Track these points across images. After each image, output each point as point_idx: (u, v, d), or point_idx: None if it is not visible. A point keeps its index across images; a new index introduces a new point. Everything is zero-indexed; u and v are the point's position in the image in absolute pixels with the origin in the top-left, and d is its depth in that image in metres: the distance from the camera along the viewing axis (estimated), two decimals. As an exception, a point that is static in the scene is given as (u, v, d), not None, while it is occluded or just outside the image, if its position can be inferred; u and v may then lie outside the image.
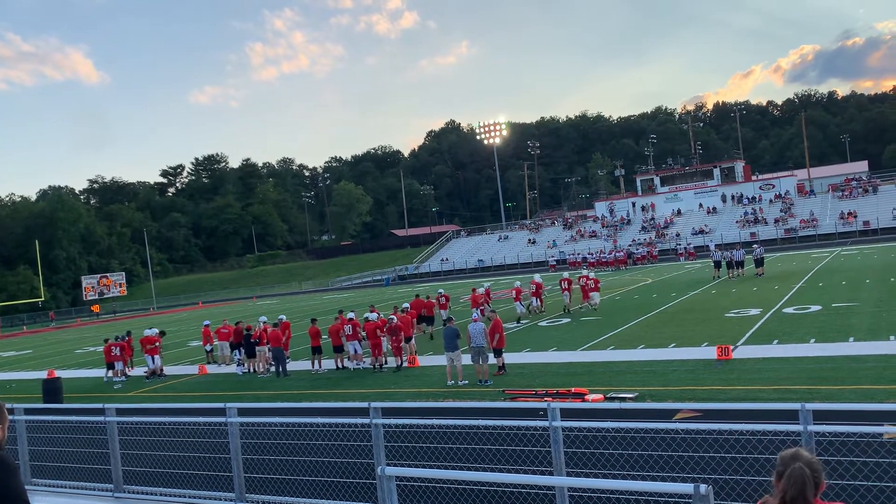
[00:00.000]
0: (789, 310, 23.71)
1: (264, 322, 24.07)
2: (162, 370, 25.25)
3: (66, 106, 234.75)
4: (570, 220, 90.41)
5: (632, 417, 10.12)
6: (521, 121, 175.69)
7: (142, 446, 11.05)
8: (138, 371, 26.55)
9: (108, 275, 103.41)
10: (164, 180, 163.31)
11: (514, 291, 29.58)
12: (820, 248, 56.25)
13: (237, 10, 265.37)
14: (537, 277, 31.49)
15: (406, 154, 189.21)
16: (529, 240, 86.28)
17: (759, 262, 37.93)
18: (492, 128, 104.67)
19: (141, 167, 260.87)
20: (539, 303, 30.18)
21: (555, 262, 71.12)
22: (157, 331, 26.38)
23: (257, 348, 23.22)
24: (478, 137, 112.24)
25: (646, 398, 13.82)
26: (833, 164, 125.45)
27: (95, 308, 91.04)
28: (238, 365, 24.00)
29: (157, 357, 25.21)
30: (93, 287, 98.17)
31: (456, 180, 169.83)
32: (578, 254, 68.26)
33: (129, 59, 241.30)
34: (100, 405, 10.18)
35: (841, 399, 12.17)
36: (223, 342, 26.11)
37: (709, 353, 17.61)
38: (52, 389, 20.49)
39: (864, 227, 64.39)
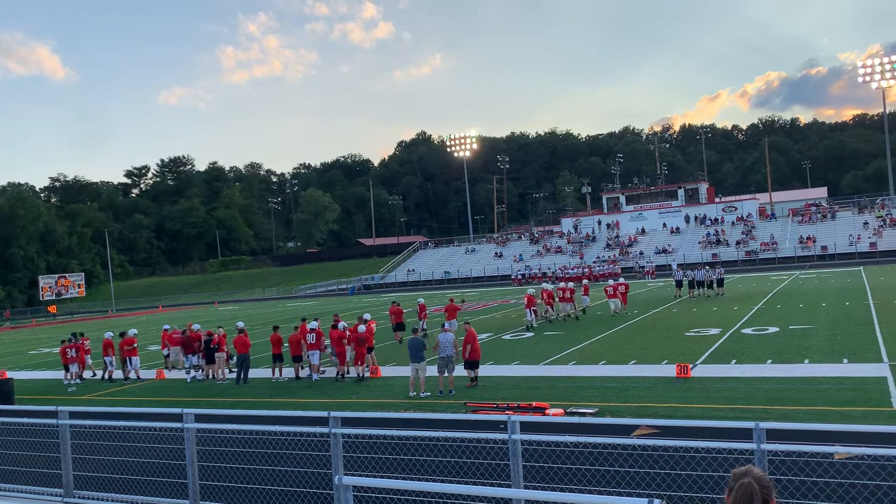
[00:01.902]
0: (748, 330, 24.12)
1: (198, 329, 24.00)
2: (134, 373, 24.83)
3: (29, 101, 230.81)
4: (536, 235, 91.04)
5: (591, 432, 10.19)
6: (491, 135, 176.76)
7: (95, 451, 10.82)
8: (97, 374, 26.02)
9: (66, 275, 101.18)
10: (129, 181, 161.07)
11: (525, 298, 30.11)
12: (779, 271, 57.36)
13: (210, 13, 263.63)
14: (548, 286, 34.09)
15: (376, 163, 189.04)
16: (496, 253, 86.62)
17: (720, 283, 38.69)
18: (462, 141, 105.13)
19: (105, 167, 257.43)
20: (551, 310, 31.87)
21: (520, 277, 71.59)
22: (135, 331, 26.11)
23: (216, 354, 22.91)
24: (448, 150, 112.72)
25: (605, 414, 13.93)
26: (794, 189, 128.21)
27: (52, 309, 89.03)
28: (187, 372, 23.61)
29: (135, 359, 24.83)
30: (50, 287, 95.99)
31: (425, 192, 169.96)
32: (549, 268, 68.95)
33: (98, 57, 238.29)
34: (52, 408, 9.95)
35: (795, 419, 12.40)
36: (175, 347, 25.91)
37: (668, 370, 17.82)
38: (3, 390, 19.94)
39: (822, 252, 65.88)
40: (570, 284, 34.40)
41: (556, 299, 31.95)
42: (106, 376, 25.01)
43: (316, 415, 8.51)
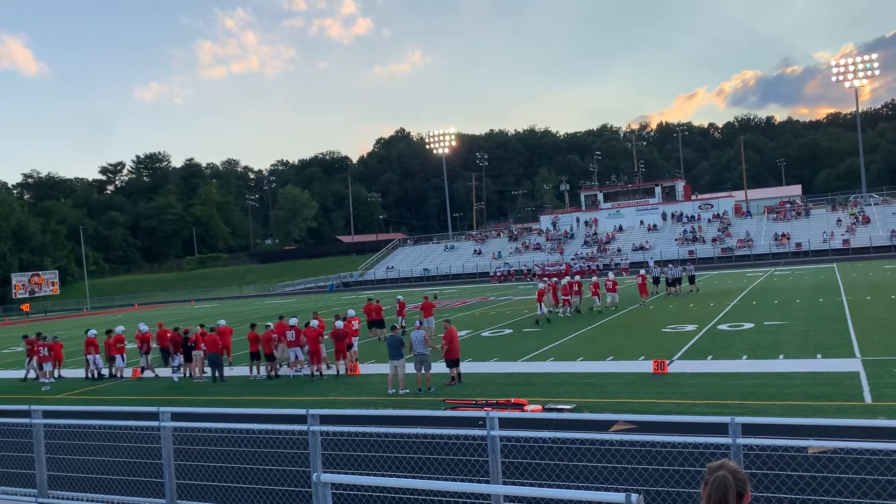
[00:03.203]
0: (724, 327, 24.38)
1: (147, 329, 23.79)
2: (119, 372, 24.56)
3: (1, 96, 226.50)
4: (515, 233, 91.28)
5: (569, 428, 10.24)
6: (470, 132, 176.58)
7: (70, 450, 10.69)
8: (75, 374, 25.68)
9: (40, 273, 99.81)
10: (104, 177, 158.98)
11: (537, 293, 30.49)
12: (755, 268, 57.99)
13: (187, 7, 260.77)
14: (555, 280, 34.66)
15: (354, 160, 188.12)
16: (475, 250, 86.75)
17: (691, 280, 39.13)
18: (441, 138, 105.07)
19: (79, 163, 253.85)
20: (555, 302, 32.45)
21: (499, 274, 71.78)
22: (121, 328, 25.86)
23: (194, 352, 22.73)
24: (427, 147, 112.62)
25: (583, 409, 14.01)
26: (769, 186, 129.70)
27: (25, 307, 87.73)
28: (155, 372, 23.30)
29: (122, 356, 24.56)
30: (23, 285, 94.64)
31: (404, 189, 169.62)
32: (536, 264, 69.14)
33: (72, 51, 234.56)
34: (25, 407, 9.81)
35: (770, 414, 12.55)
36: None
37: (645, 366, 17.96)
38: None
39: (797, 249, 66.74)
40: (578, 278, 34.44)
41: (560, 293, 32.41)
42: (91, 375, 24.63)
43: (294, 412, 8.47)
